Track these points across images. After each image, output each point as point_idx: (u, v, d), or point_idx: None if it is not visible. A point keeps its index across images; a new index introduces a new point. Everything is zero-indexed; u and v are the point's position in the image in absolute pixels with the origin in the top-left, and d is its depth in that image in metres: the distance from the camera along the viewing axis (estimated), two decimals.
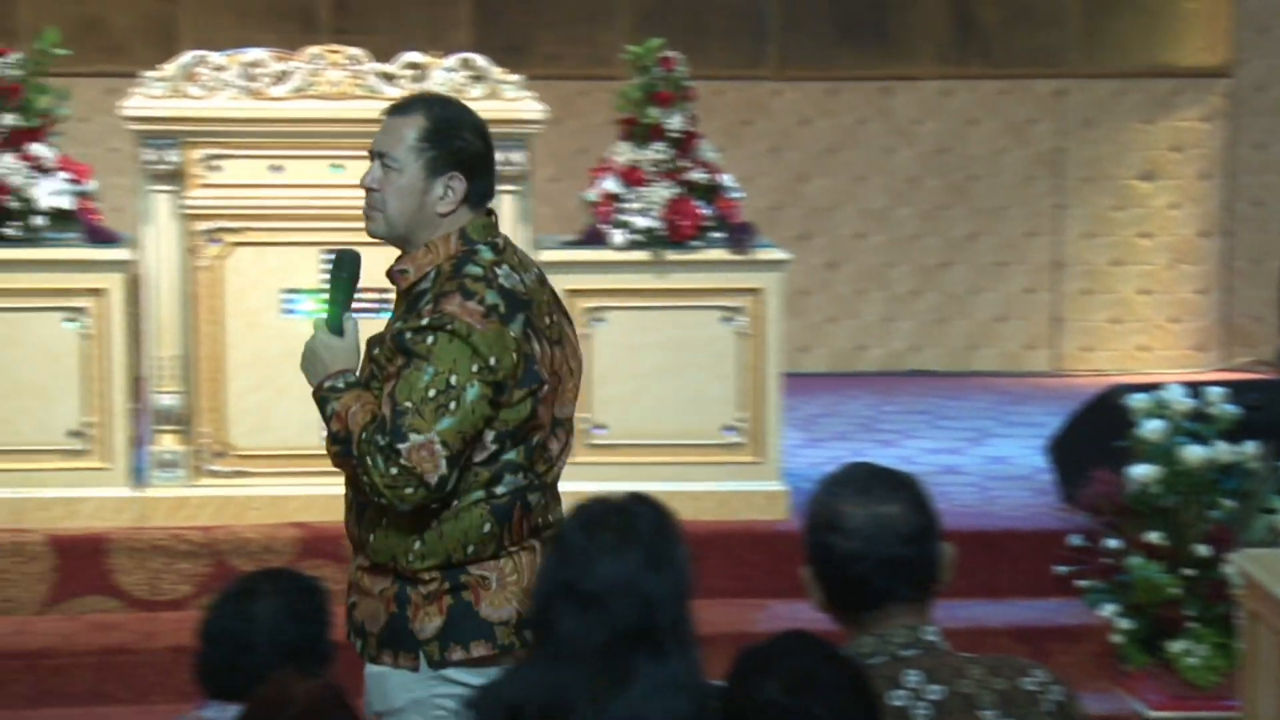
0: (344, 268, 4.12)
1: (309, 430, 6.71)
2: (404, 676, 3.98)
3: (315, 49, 6.80)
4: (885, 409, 8.99)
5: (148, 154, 6.61)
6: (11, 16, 9.25)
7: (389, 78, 6.76)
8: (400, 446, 3.83)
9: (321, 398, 3.99)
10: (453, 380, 3.85)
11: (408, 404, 3.85)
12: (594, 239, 6.95)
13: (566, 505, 3.15)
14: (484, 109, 6.71)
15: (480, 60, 6.83)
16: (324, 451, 3.93)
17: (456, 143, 4.04)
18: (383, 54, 6.84)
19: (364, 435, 3.87)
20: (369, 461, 3.85)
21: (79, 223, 6.71)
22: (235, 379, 6.69)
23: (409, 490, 3.84)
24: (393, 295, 4.12)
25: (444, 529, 3.94)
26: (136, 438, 6.73)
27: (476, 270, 3.96)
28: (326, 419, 3.97)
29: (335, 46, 6.83)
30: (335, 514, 6.59)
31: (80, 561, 6.46)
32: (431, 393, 3.84)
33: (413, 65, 6.79)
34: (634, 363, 6.89)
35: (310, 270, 6.68)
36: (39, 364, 6.58)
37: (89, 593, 6.47)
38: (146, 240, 6.66)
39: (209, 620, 3.75)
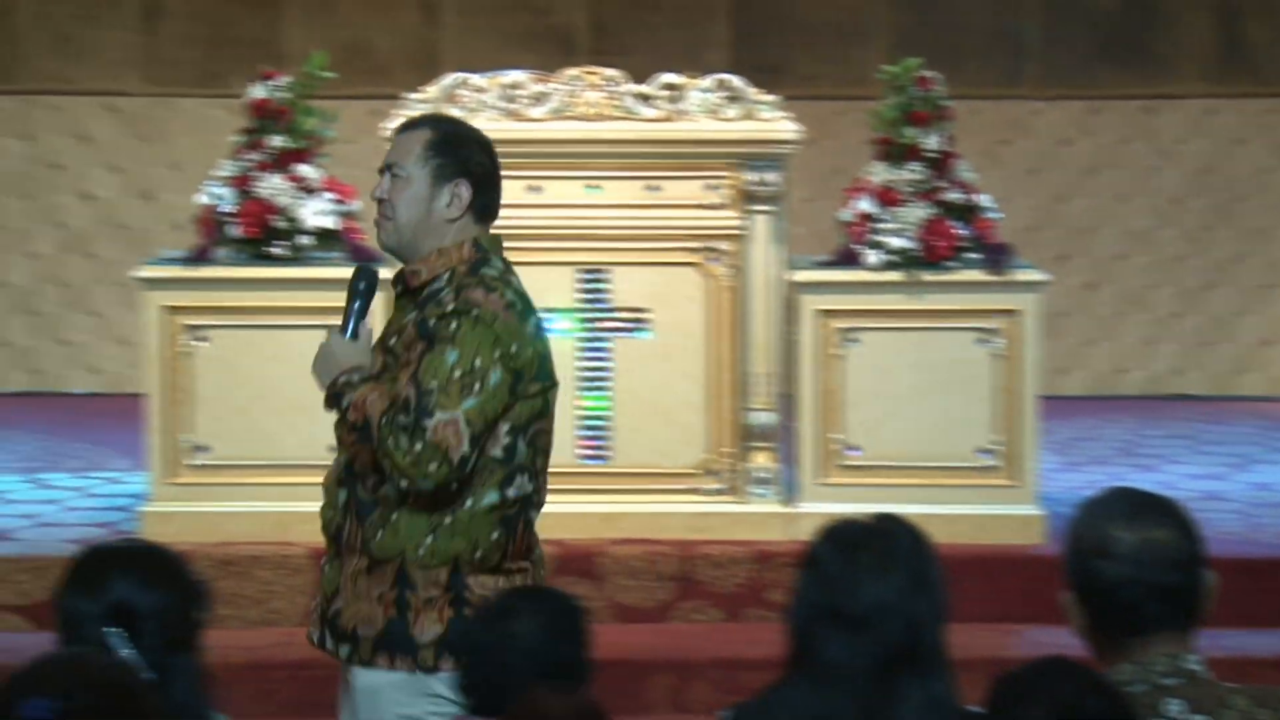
0: (363, 279, 4.24)
1: (563, 448, 6.77)
2: (396, 689, 4.02)
3: (573, 71, 6.86)
4: (1146, 433, 8.82)
5: None
6: (281, 41, 9.48)
7: (645, 98, 6.80)
8: (426, 423, 3.94)
9: (336, 392, 4.11)
10: (477, 363, 3.99)
11: (434, 384, 3.97)
12: (848, 259, 6.92)
13: (815, 525, 3.12)
14: (740, 130, 6.81)
15: (736, 81, 6.84)
16: (579, 469, 3.98)
17: (462, 153, 4.18)
18: (640, 75, 6.89)
19: (384, 419, 3.98)
20: (390, 443, 3.96)
21: (343, 242, 6.85)
22: None
23: (433, 466, 3.95)
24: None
25: (456, 528, 4.05)
26: None
27: (493, 272, 4.14)
28: (343, 410, 4.07)
29: (593, 68, 6.89)
30: (590, 530, 6.68)
31: None
32: (457, 373, 3.97)
33: (669, 86, 6.82)
34: (888, 384, 6.85)
35: (566, 290, 6.74)
36: (304, 381, 6.62)
37: None
38: None
39: (469, 636, 3.79)
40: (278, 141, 6.85)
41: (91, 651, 3.09)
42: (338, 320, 6.59)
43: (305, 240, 6.79)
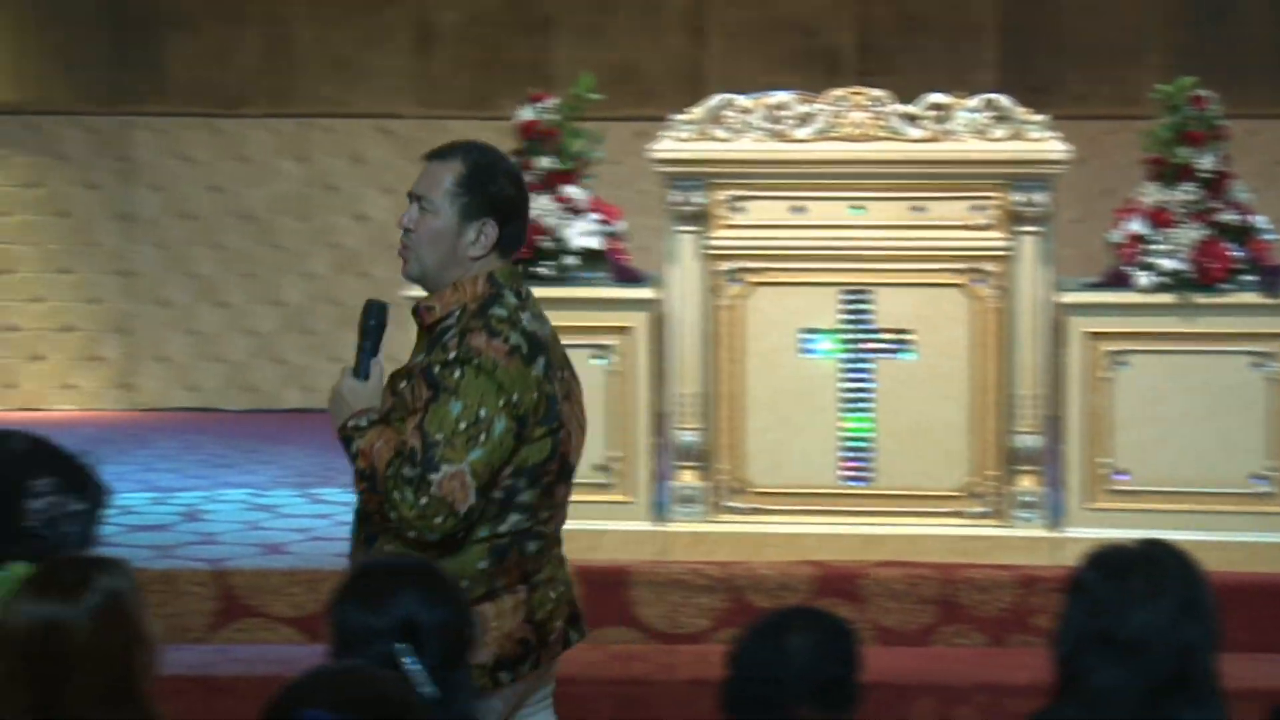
0: (373, 315, 4.18)
1: (825, 469, 6.77)
2: None
3: (839, 91, 6.84)
4: None
5: (674, 195, 6.75)
6: (550, 64, 9.59)
7: (912, 119, 6.76)
8: (432, 477, 3.93)
9: (346, 437, 4.08)
10: (482, 413, 3.96)
11: (439, 436, 3.95)
12: (1118, 281, 6.81)
13: (1081, 550, 3.07)
14: (1007, 150, 6.73)
15: (1004, 100, 6.76)
16: (841, 490, 3.94)
17: (491, 188, 4.13)
18: (906, 95, 6.84)
19: (389, 470, 3.97)
20: (396, 496, 3.95)
21: (608, 262, 6.90)
22: (754, 417, 6.77)
23: (438, 520, 3.94)
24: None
25: (443, 562, 3.94)
26: (658, 473, 6.86)
27: (502, 312, 4.08)
28: (351, 457, 4.06)
29: (859, 88, 6.86)
30: (852, 552, 6.65)
31: (603, 592, 6.56)
32: (462, 425, 3.95)
33: (936, 106, 6.77)
34: (1158, 408, 6.72)
35: (829, 311, 6.71)
36: None
37: (611, 623, 6.57)
38: (671, 280, 6.80)
39: (740, 652, 3.79)
40: (545, 163, 6.92)
41: (367, 665, 3.13)
42: (602, 340, 6.64)
43: (570, 260, 6.85)
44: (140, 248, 9.53)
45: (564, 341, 6.73)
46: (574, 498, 6.68)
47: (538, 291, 6.75)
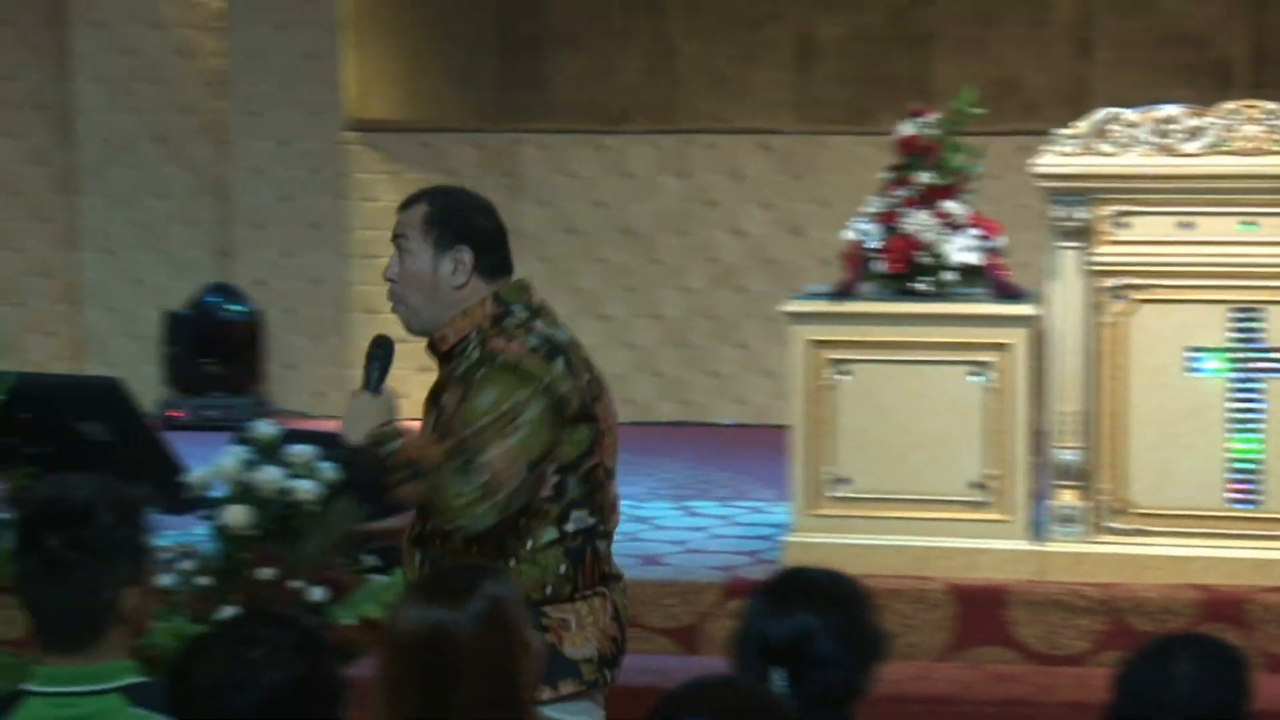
0: (379, 345, 4.36)
1: (1211, 490, 6.58)
2: None
3: (1231, 104, 6.65)
4: None
5: (1056, 211, 6.64)
6: (931, 78, 9.52)
7: None
8: (475, 462, 4.04)
9: (376, 442, 4.17)
10: (514, 400, 4.10)
11: (476, 425, 4.08)
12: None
13: None
14: None
15: None
16: (1228, 513, 3.83)
17: (457, 220, 4.28)
18: None
19: (434, 467, 4.08)
20: (441, 489, 4.05)
21: (987, 278, 6.82)
22: (1137, 436, 6.62)
23: (483, 507, 4.04)
24: None
25: (523, 569, 4.14)
26: (1036, 492, 6.75)
27: (514, 321, 4.25)
28: (386, 457, 4.15)
29: (1252, 101, 6.66)
30: (1239, 577, 6.46)
31: (980, 612, 6.52)
32: (495, 414, 4.09)
33: None
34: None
35: (1217, 329, 6.53)
36: (944, 416, 6.70)
37: (988, 643, 6.51)
38: (1052, 296, 6.69)
39: (1126, 676, 3.72)
40: (925, 178, 6.87)
41: (746, 678, 3.14)
42: (980, 357, 6.60)
43: (949, 276, 6.79)
44: (525, 262, 9.68)
45: (941, 358, 6.72)
46: (950, 515, 6.71)
47: (914, 308, 6.78)
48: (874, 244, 6.84)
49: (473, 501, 4.06)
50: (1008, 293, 6.80)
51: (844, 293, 6.90)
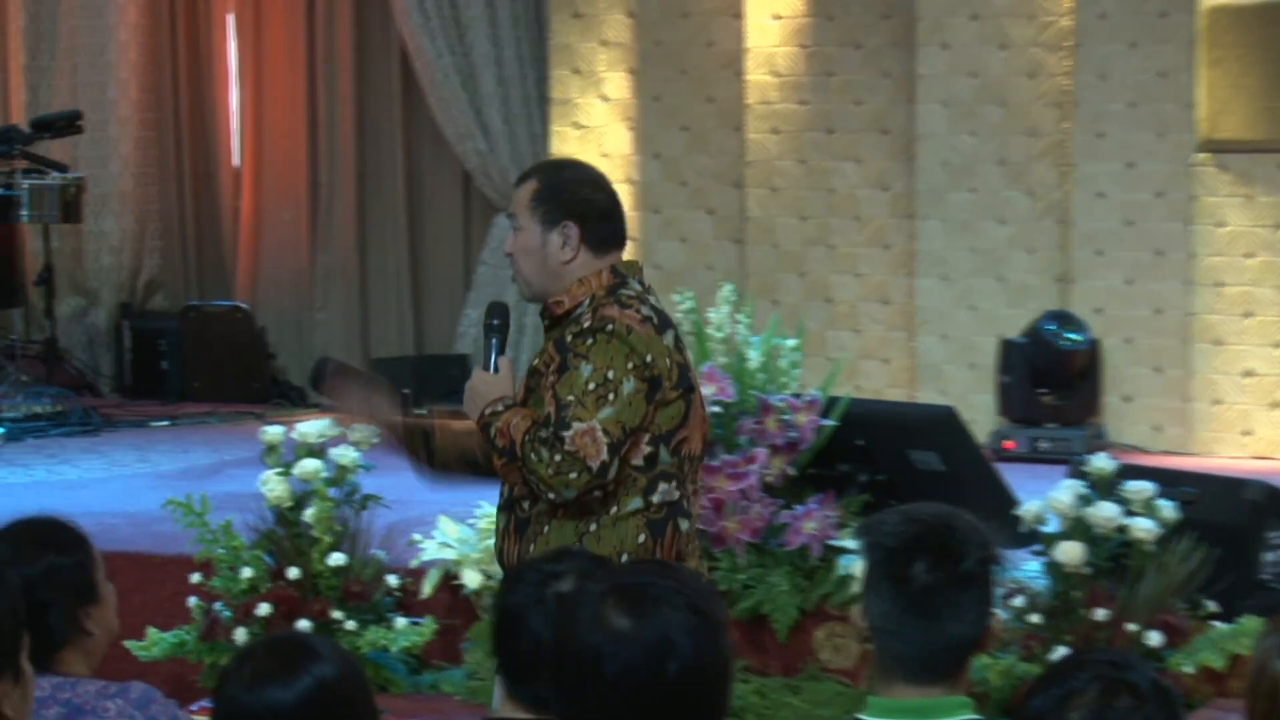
0: (495, 315, 4.47)
1: None
2: None
3: None
4: None
5: None
6: None
7: None
8: (564, 434, 4.16)
9: (485, 424, 4.28)
10: (610, 375, 4.20)
11: (570, 397, 4.19)
12: None
13: None
14: None
15: None
16: None
17: (565, 195, 4.38)
18: None
19: (527, 436, 4.19)
20: (533, 457, 4.17)
21: None
22: None
23: (573, 475, 4.16)
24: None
25: (602, 535, 4.24)
26: None
27: (630, 292, 4.34)
28: (491, 439, 4.26)
29: None
30: None
31: None
32: (591, 385, 4.19)
33: None
34: None
35: None
36: None
37: None
38: None
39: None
40: None
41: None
42: None
43: None
44: None
45: None
46: None
47: None
48: None
49: (560, 471, 4.17)
50: None
51: None
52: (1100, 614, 5.55)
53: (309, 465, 6.31)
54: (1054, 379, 9.38)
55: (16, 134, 9.92)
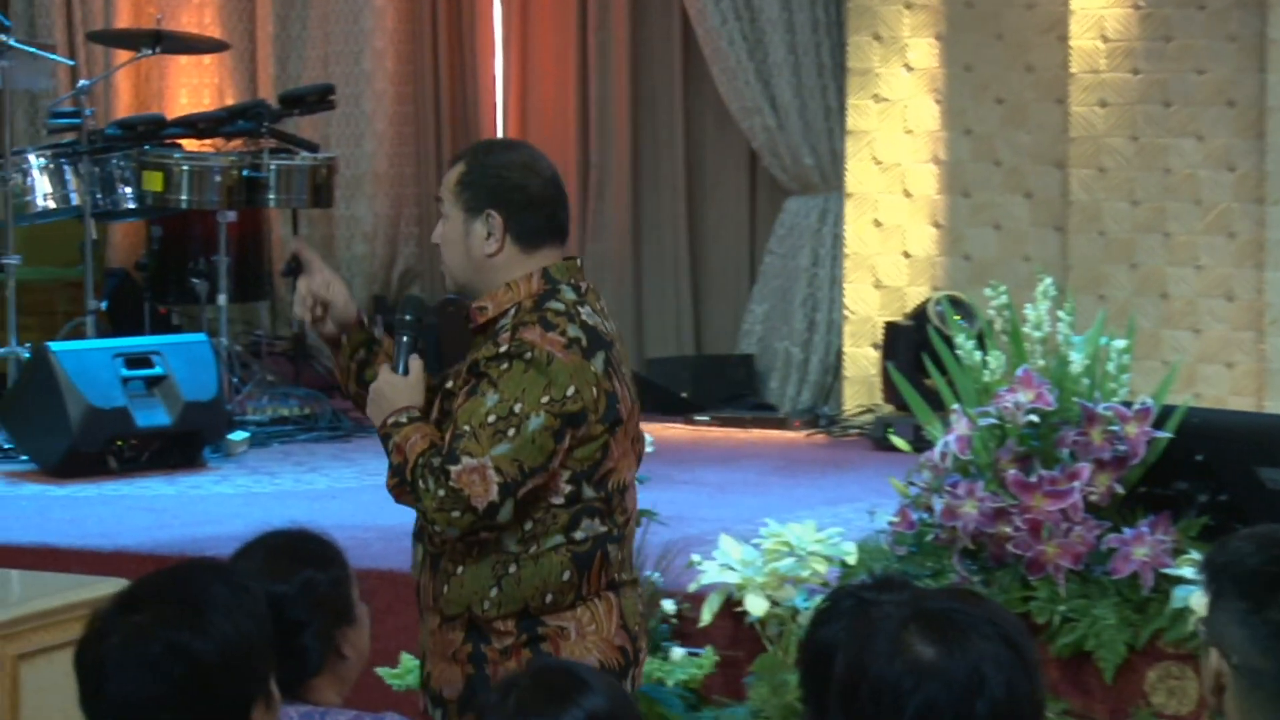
0: (408, 309, 4.31)
1: None
2: None
3: None
4: None
5: None
6: None
7: None
8: (451, 469, 4.01)
9: (385, 434, 4.15)
10: (516, 408, 4.03)
11: (466, 427, 4.04)
12: None
13: None
14: None
15: None
16: None
17: (490, 180, 4.20)
18: None
19: (420, 460, 4.05)
20: (421, 485, 4.03)
21: None
22: None
23: (455, 514, 4.01)
24: None
25: (523, 575, 4.10)
26: None
27: (558, 306, 4.15)
28: (388, 453, 4.13)
29: None
30: None
31: None
32: (491, 418, 4.03)
33: None
34: None
35: None
36: None
37: None
38: None
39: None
40: None
41: None
42: None
43: None
44: None
45: None
46: None
47: None
48: None
49: (442, 508, 4.02)
50: None
51: None
52: None
53: None
54: None
55: (264, 110, 9.93)
